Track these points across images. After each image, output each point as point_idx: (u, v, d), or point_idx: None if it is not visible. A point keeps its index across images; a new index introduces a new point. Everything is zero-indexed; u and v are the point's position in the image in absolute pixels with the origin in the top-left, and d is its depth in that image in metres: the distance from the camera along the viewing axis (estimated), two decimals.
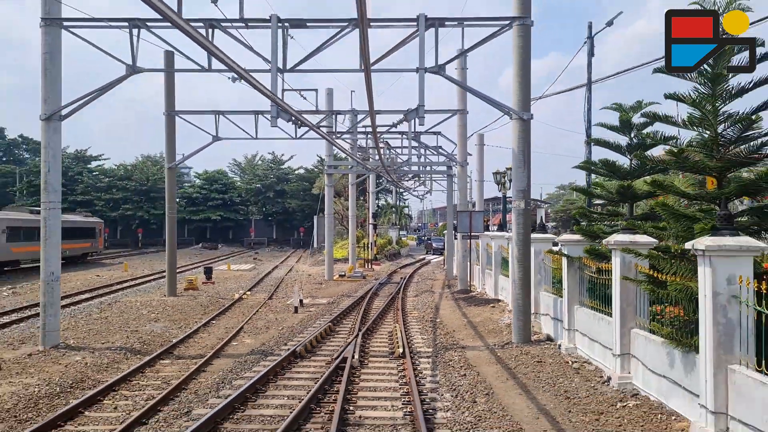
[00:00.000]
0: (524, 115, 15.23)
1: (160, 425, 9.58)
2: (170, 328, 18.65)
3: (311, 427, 9.43)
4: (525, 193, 15.32)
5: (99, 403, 10.84)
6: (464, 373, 12.53)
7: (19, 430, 9.22)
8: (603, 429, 8.72)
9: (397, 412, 10.17)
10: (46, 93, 15.09)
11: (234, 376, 12.59)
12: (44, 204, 15.38)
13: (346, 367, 12.65)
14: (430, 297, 26.00)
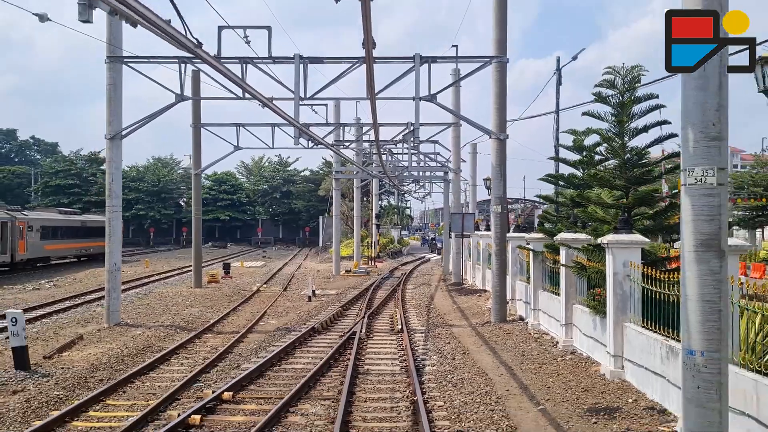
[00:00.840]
0: (501, 136, 18.62)
1: (219, 373, 12.95)
2: (205, 312, 22.04)
3: (333, 374, 12.82)
4: (501, 200, 18.71)
5: (168, 360, 14.23)
6: (449, 342, 15.93)
7: (116, 377, 12.57)
8: (542, 372, 12.13)
9: (396, 366, 13.56)
10: (110, 117, 18.51)
11: (267, 344, 15.96)
12: (108, 208, 18.80)
13: (355, 339, 16.01)
14: (426, 289, 29.40)
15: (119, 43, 18.54)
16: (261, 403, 10.65)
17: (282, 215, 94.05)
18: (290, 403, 10.58)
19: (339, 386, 11.69)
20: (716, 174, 6.47)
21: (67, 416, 9.81)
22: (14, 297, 26.92)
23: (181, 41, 10.10)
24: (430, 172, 40.40)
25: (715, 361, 6.47)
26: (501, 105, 18.68)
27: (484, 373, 12.47)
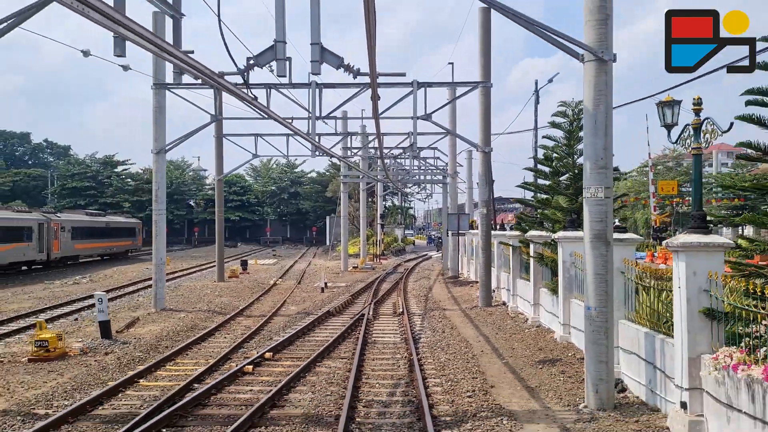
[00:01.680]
0: (486, 149, 22.03)
1: (257, 343, 16.37)
2: (233, 301, 25.48)
3: (347, 343, 16.25)
4: (487, 203, 22.13)
5: (213, 335, 17.66)
6: (441, 321, 19.35)
7: (178, 345, 15.97)
8: (511, 339, 15.57)
9: (397, 338, 16.97)
10: (156, 134, 21.98)
11: (291, 324, 19.39)
12: (155, 211, 22.26)
13: (364, 319, 19.42)
14: (426, 282, 32.83)
15: (162, 72, 21.98)
16: (294, 360, 14.07)
17: (290, 215, 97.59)
18: (316, 360, 14.01)
19: (353, 350, 15.10)
20: (603, 191, 9.90)
21: (152, 368, 13.26)
22: (61, 290, 30.40)
23: (205, 73, 13.33)
24: (431, 176, 43.80)
25: (603, 313, 9.90)
26: (486, 123, 22.09)
27: (465, 340, 15.89)
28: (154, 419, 9.44)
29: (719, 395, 7.73)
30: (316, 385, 11.93)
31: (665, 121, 12.83)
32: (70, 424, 9.56)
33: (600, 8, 9.73)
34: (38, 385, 11.89)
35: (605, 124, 9.90)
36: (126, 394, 11.37)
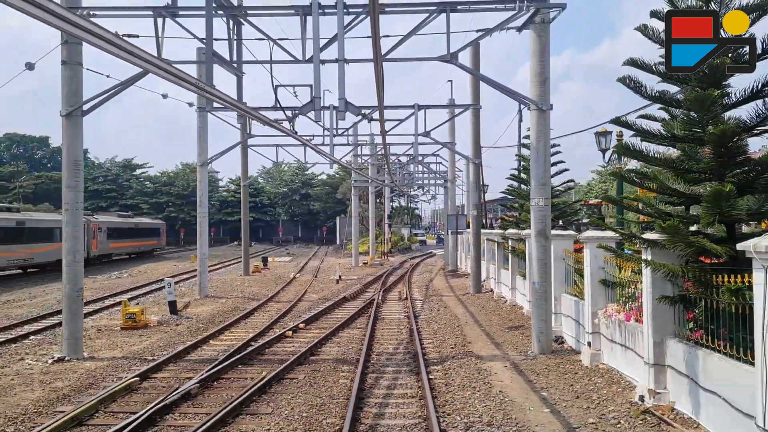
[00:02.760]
0: (476, 161, 26.24)
1: (289, 319, 20.61)
2: (261, 290, 29.76)
3: (361, 319, 20.49)
4: (477, 206, 26.33)
5: (253, 314, 21.92)
6: (437, 304, 23.58)
7: (228, 320, 20.21)
8: (491, 314, 19.80)
9: (401, 315, 21.19)
10: (200, 150, 26.28)
11: (314, 306, 23.62)
12: (199, 214, 26.55)
13: (374, 303, 23.64)
14: (428, 275, 37.07)
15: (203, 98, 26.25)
16: (322, 329, 18.31)
17: (301, 216, 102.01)
18: (338, 329, 18.26)
19: (366, 323, 19.33)
20: (543, 201, 14.12)
21: (215, 333, 17.54)
22: (108, 282, 34.80)
23: (266, 121, 17.56)
24: (434, 181, 48.05)
25: (543, 286, 14.14)
26: (476, 138, 26.29)
27: (455, 316, 20.13)
28: (231, 360, 13.70)
29: (607, 334, 11.96)
30: (340, 343, 16.21)
31: (600, 146, 17.01)
32: (173, 364, 13.85)
33: (540, 73, 13.97)
34: (137, 343, 16.22)
35: (545, 154, 14.14)
36: (203, 348, 15.67)
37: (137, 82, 14.78)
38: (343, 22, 14.10)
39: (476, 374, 12.37)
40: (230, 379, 12.53)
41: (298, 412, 10.22)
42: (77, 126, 14.47)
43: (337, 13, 14.05)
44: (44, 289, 30.42)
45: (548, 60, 14.06)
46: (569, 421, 9.33)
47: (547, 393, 10.94)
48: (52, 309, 22.66)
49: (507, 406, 10.20)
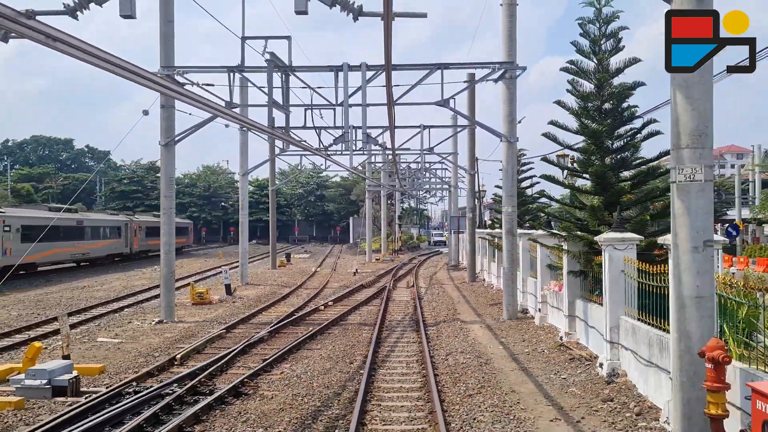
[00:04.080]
0: (471, 171, 31.47)
1: (317, 301, 25.89)
2: (290, 280, 35.09)
3: (375, 300, 25.77)
4: (473, 210, 31.56)
5: (288, 297, 27.24)
6: (438, 290, 28.84)
7: (270, 300, 25.49)
8: (479, 296, 25.06)
9: (408, 298, 26.46)
10: (242, 162, 31.64)
11: (337, 291, 28.88)
12: (241, 215, 31.90)
13: (386, 289, 28.91)
14: (433, 269, 42.33)
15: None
16: (346, 306, 23.57)
17: (316, 216, 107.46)
18: (359, 306, 23.54)
19: (380, 302, 24.59)
20: (511, 208, 19.39)
21: (264, 308, 22.86)
22: (153, 274, 40.24)
23: (309, 148, 22.79)
24: (441, 185, 53.30)
25: (511, 270, 19.47)
26: (472, 153, 31.51)
27: (451, 298, 25.39)
28: (284, 322, 19.00)
29: (549, 302, 17.20)
30: (361, 314, 21.50)
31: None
32: (243, 325, 19.16)
33: (509, 114, 19.22)
34: (209, 314, 21.59)
35: (512, 174, 19.41)
36: (259, 317, 21.00)
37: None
38: (365, 76, 19.36)
39: (459, 330, 17.64)
40: (286, 333, 17.86)
41: (338, 348, 15.52)
42: (171, 152, 19.86)
43: (361, 71, 19.31)
44: (105, 279, 35.94)
45: (515, 105, 19.31)
46: (513, 351, 14.59)
47: (504, 339, 16.19)
48: (125, 293, 28.08)
49: (475, 345, 15.46)
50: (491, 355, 14.34)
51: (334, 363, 13.87)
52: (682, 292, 7.14)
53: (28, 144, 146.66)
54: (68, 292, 28.83)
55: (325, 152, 22.81)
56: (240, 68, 19.57)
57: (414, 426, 9.57)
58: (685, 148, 7.04)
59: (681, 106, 7.11)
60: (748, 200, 54.45)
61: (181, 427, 9.29)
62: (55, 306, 24.00)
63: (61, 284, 32.97)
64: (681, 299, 7.16)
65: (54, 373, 11.25)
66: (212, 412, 10.19)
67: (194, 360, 14.14)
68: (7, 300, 25.78)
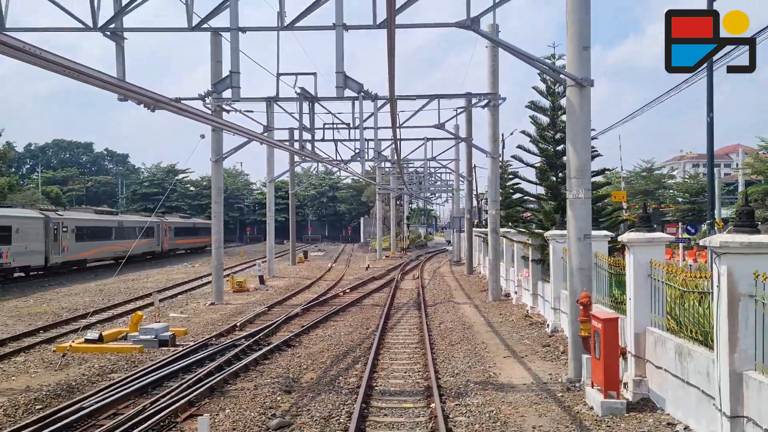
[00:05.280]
0: (469, 178, 36.03)
1: (336, 289, 30.54)
2: (310, 274, 39.75)
3: (385, 288, 30.40)
4: (470, 211, 36.11)
5: (310, 287, 31.87)
6: (439, 281, 33.45)
7: (295, 289, 30.13)
8: (472, 284, 29.66)
9: (413, 287, 31.05)
10: (269, 170, 36.33)
11: (352, 283, 33.49)
12: (268, 218, 36.58)
13: (395, 280, 33.52)
14: (437, 264, 46.92)
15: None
16: (361, 292, 28.19)
17: (328, 216, 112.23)
18: (371, 293, 28.17)
19: (389, 290, 29.18)
20: (495, 211, 24.01)
21: (292, 295, 27.53)
22: (186, 270, 45.08)
23: (331, 163, 27.39)
24: (445, 188, 57.90)
25: (495, 261, 24.08)
26: (469, 164, 36.05)
27: (449, 286, 30.00)
28: (311, 304, 23.64)
29: (522, 285, 21.78)
30: (374, 298, 26.14)
31: None
32: (278, 306, 23.82)
33: (493, 134, 23.77)
34: (248, 298, 26.28)
35: (496, 183, 23.99)
36: (290, 301, 25.65)
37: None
38: (376, 105, 23.95)
39: (452, 309, 22.24)
40: (314, 310, 22.51)
41: (356, 320, 20.16)
42: (219, 167, 24.60)
43: (374, 100, 23.89)
44: (147, 273, 40.76)
45: (498, 128, 23.89)
46: (490, 321, 19.19)
47: (485, 314, 20.79)
48: (170, 284, 32.83)
49: (463, 317, 20.06)
50: (473, 323, 18.92)
51: (354, 329, 18.51)
52: (572, 266, 11.69)
53: (50, 147, 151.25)
54: (122, 283, 33.62)
55: (342, 164, 27.45)
56: (276, 99, 24.17)
57: (412, 361, 14.18)
58: (574, 179, 11.57)
59: (571, 154, 11.65)
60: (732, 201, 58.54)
61: (257, 360, 13.95)
62: (117, 294, 28.76)
63: (111, 278, 37.76)
64: (572, 270, 11.72)
65: (158, 331, 15.95)
66: (274, 354, 14.84)
67: (249, 327, 18.81)
68: (75, 290, 30.60)
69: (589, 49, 11.42)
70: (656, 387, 9.58)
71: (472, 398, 10.78)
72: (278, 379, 12.28)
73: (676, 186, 60.03)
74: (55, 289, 30.34)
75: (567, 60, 11.73)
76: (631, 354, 10.14)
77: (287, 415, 9.86)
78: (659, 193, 63.33)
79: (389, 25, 9.32)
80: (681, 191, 57.38)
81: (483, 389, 11.31)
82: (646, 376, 9.92)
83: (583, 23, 11.23)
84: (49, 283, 33.42)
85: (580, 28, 11.25)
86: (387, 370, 13.24)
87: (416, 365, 13.71)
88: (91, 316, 21.14)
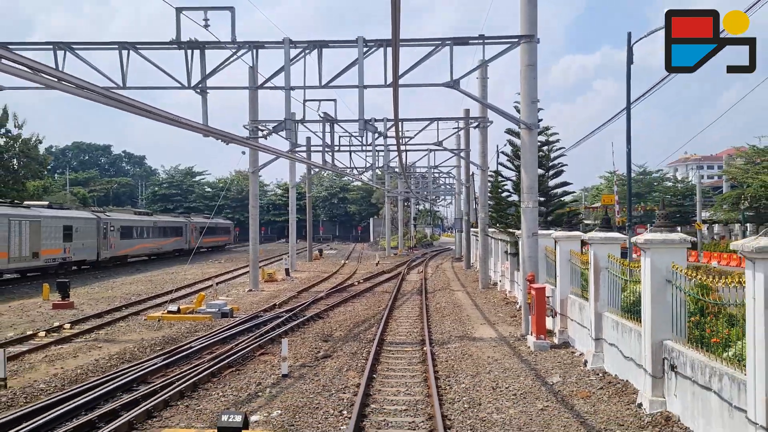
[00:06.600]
0: (467, 184, 40.93)
1: (351, 280, 35.50)
2: (326, 269, 44.71)
3: (393, 280, 35.37)
4: (467, 213, 41.01)
5: (328, 279, 36.85)
6: (441, 274, 38.40)
7: (316, 280, 35.09)
8: (467, 277, 34.63)
9: (418, 279, 36.02)
10: (291, 176, 41.35)
11: (365, 276, 38.45)
12: (291, 220, 41.59)
13: (402, 274, 38.45)
14: (440, 261, 51.88)
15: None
16: (372, 283, 33.15)
17: (339, 216, 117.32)
18: (381, 283, 33.15)
19: (396, 282, 34.10)
20: (485, 214, 28.98)
21: (315, 284, 32.54)
22: (215, 265, 50.20)
23: (344, 172, 32.46)
24: (450, 191, 62.87)
25: (484, 255, 29.08)
26: (467, 172, 40.96)
27: (448, 278, 34.95)
28: (332, 291, 28.65)
29: (505, 276, 26.72)
30: (383, 287, 31.12)
31: None
32: (305, 292, 28.82)
33: (482, 150, 28.72)
34: (278, 287, 31.31)
35: (485, 192, 28.94)
36: (313, 289, 30.64)
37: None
38: (385, 126, 28.92)
39: (448, 295, 27.20)
40: (335, 295, 27.49)
41: (370, 302, 25.15)
42: (256, 177, 29.68)
43: (384, 122, 28.86)
44: (181, 268, 45.85)
45: (487, 145, 28.81)
46: (476, 302, 24.15)
47: (474, 298, 25.73)
48: (206, 276, 37.89)
49: (455, 300, 25.03)
50: (462, 304, 23.88)
51: (368, 307, 23.50)
52: (525, 255, 16.64)
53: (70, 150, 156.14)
54: (166, 275, 38.76)
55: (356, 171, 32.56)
56: (302, 121, 29.24)
57: (413, 326, 19.15)
58: (525, 193, 16.50)
59: (523, 176, 16.59)
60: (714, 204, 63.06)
61: (298, 325, 18.98)
62: (165, 283, 33.85)
63: (152, 271, 42.94)
64: (524, 258, 16.67)
65: (220, 306, 21.03)
66: (309, 322, 19.85)
67: (286, 306, 23.82)
68: (128, 280, 35.75)
69: (536, 102, 16.36)
70: (571, 333, 14.55)
71: (451, 345, 15.77)
72: (317, 334, 17.33)
73: (664, 189, 64.67)
74: (110, 280, 35.51)
75: (521, 110, 16.66)
76: (558, 313, 15.10)
77: (328, 351, 14.89)
78: (652, 196, 68.04)
79: (394, 85, 14.27)
80: (668, 194, 61.99)
81: (460, 341, 16.30)
82: (567, 328, 14.88)
83: (531, 86, 16.17)
84: (101, 275, 38.61)
85: (529, 89, 16.20)
86: (395, 331, 18.25)
87: (415, 329, 18.69)
88: (166, 296, 26.35)
